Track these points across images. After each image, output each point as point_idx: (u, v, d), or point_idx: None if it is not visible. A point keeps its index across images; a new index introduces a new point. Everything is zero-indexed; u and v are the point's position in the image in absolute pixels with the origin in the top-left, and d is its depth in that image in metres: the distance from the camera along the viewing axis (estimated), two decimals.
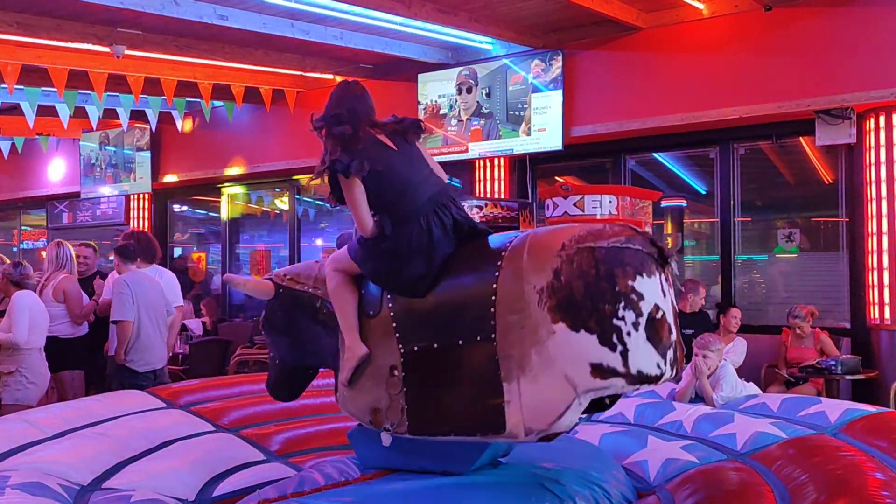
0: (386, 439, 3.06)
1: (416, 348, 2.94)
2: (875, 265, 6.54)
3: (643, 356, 2.58)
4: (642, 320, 2.57)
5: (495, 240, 2.96)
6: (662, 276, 2.67)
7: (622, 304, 2.56)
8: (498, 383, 2.73)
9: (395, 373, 2.97)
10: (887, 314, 6.44)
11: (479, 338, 2.78)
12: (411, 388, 2.94)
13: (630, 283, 2.58)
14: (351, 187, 2.93)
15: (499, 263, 2.79)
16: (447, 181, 3.21)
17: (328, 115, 3.09)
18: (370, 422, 3.07)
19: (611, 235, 2.66)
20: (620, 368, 2.56)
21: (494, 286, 2.76)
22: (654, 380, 2.62)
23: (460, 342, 2.82)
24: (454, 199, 3.09)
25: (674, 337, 2.67)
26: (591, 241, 2.65)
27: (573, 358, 2.60)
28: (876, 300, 6.53)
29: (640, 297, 2.58)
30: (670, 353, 2.64)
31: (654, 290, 2.61)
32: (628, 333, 2.55)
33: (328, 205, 3.33)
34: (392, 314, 3.00)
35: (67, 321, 5.91)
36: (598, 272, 2.59)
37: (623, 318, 2.55)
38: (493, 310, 2.74)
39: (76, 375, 6.02)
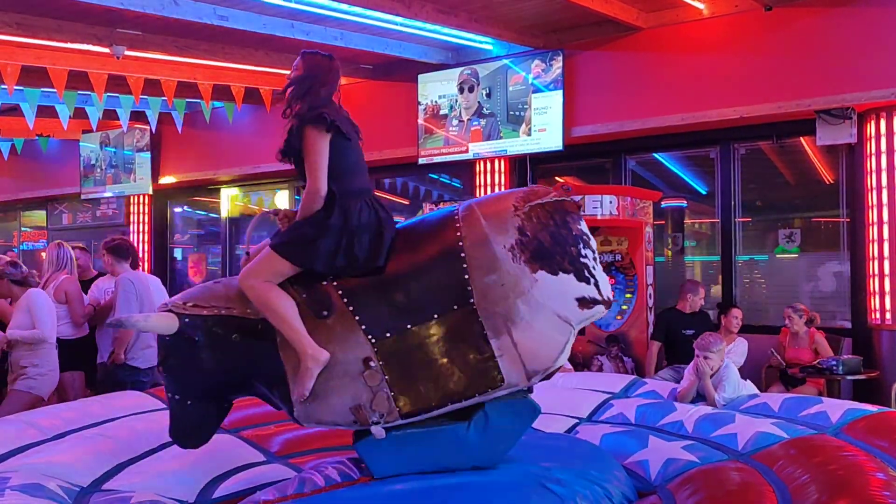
0: (379, 432, 2.98)
1: (388, 334, 2.94)
2: (876, 265, 6.53)
3: (605, 283, 3.05)
4: (596, 255, 3.05)
5: (436, 215, 3.16)
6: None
7: (581, 245, 3.00)
8: (485, 342, 2.92)
9: (372, 364, 2.93)
10: (888, 314, 6.44)
11: (455, 306, 2.93)
12: (393, 374, 2.93)
13: (579, 226, 3.04)
14: (319, 141, 2.97)
15: (458, 234, 2.97)
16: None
17: (311, 75, 3.12)
18: (354, 422, 2.97)
19: (545, 193, 3.07)
20: (598, 297, 2.99)
21: (462, 255, 2.94)
22: (611, 303, 3.09)
23: (436, 316, 2.93)
24: (379, 200, 3.18)
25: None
26: (536, 199, 3.03)
27: (560, 298, 2.94)
28: (877, 300, 6.52)
29: (588, 236, 3.06)
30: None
31: (589, 231, 3.09)
32: (593, 267, 3.00)
33: (278, 158, 3.17)
34: (351, 308, 2.95)
35: (68, 322, 5.91)
36: (555, 222, 2.99)
37: (586, 256, 2.99)
38: (466, 276, 2.92)
39: (77, 377, 6.02)
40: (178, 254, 12.29)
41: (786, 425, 3.90)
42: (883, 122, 6.49)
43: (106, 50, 7.35)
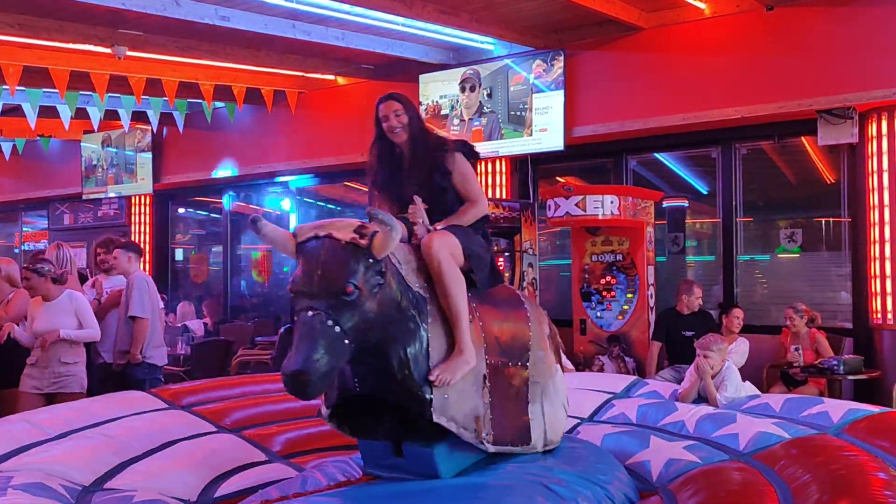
0: (489, 448, 3.00)
1: (490, 361, 3.10)
2: (877, 266, 6.53)
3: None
4: None
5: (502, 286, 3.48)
6: None
7: None
8: (526, 403, 3.22)
9: (487, 383, 3.02)
10: (889, 314, 6.44)
11: (520, 363, 3.23)
12: (493, 400, 3.05)
13: None
14: (473, 168, 3.27)
15: (525, 306, 3.37)
16: None
17: (417, 113, 3.35)
18: (474, 430, 2.91)
19: None
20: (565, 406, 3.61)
21: (529, 324, 3.31)
22: None
23: (510, 364, 3.19)
24: None
25: None
26: None
27: (565, 390, 3.54)
28: (878, 300, 6.52)
29: None
30: None
31: None
32: None
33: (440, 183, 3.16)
34: (481, 324, 3.09)
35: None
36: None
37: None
38: (529, 343, 3.27)
39: None
40: (179, 254, 12.30)
41: (787, 425, 3.90)
42: (884, 122, 6.49)
43: (108, 50, 7.37)
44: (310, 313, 2.54)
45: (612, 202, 6.76)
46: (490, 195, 8.32)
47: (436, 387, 2.79)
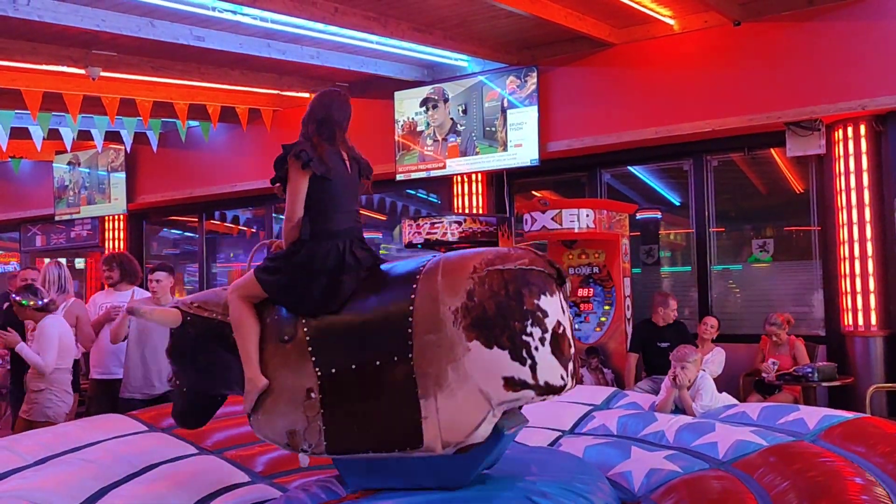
0: (304, 460, 3.13)
1: (333, 370, 3.00)
2: (847, 272, 6.67)
3: (549, 369, 2.79)
4: (547, 336, 2.78)
5: (409, 264, 3.10)
6: (561, 295, 2.92)
7: (530, 321, 2.76)
8: (416, 400, 2.88)
9: (312, 395, 3.02)
10: (861, 321, 6.56)
11: (395, 358, 2.90)
12: (329, 409, 3.00)
13: (535, 301, 2.79)
14: (298, 178, 3.10)
15: (413, 286, 2.93)
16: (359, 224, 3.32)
17: (312, 118, 3.27)
18: (287, 444, 3.09)
19: (516, 258, 2.88)
20: (530, 381, 2.77)
21: (411, 308, 2.90)
22: (559, 390, 2.84)
23: (378, 363, 2.94)
24: (363, 240, 3.25)
25: (572, 350, 2.91)
26: (500, 264, 2.85)
27: (487, 373, 2.78)
28: (849, 307, 6.65)
29: (545, 314, 2.80)
30: (571, 365, 2.88)
31: (555, 308, 2.84)
32: (536, 348, 2.75)
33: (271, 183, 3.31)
34: (308, 338, 3.05)
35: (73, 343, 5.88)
36: (507, 292, 2.79)
37: (531, 334, 2.76)
38: (410, 330, 2.88)
39: (74, 399, 5.99)
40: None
41: (765, 433, 3.96)
42: (850, 133, 6.64)
43: (81, 71, 7.33)
44: None
45: (587, 215, 6.83)
46: (467, 210, 8.38)
47: (248, 415, 3.17)
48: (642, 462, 3.80)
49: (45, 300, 5.22)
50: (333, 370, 2.99)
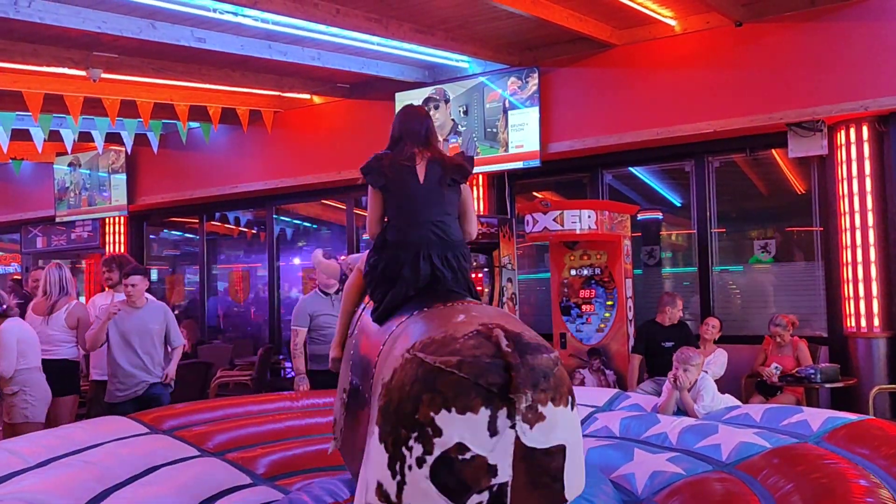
0: (331, 447, 3.40)
1: (353, 381, 3.15)
2: (850, 277, 6.64)
3: (419, 495, 2.23)
4: (430, 458, 2.21)
5: (408, 310, 2.83)
6: (501, 412, 2.22)
7: (415, 434, 2.23)
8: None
9: (344, 395, 3.26)
10: (863, 322, 6.55)
11: (367, 395, 2.75)
12: (349, 413, 3.18)
13: (431, 414, 2.22)
14: (370, 191, 3.24)
15: (385, 338, 2.68)
16: (469, 237, 3.18)
17: (390, 135, 3.34)
18: (335, 422, 3.39)
19: (450, 352, 2.27)
20: (393, 498, 2.27)
21: (378, 355, 2.66)
22: None
23: (360, 387, 3.01)
24: (457, 255, 3.01)
25: (491, 482, 2.23)
26: (428, 353, 2.31)
27: (373, 464, 2.34)
28: (852, 308, 6.63)
29: (438, 432, 2.21)
30: (474, 500, 2.24)
31: (462, 429, 2.21)
32: (409, 466, 2.23)
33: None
34: (353, 342, 3.26)
35: (75, 345, 5.90)
36: (411, 391, 2.27)
37: (411, 449, 2.23)
38: (371, 380, 2.69)
39: (74, 400, 6.00)
40: (154, 275, 12.19)
41: (768, 435, 3.95)
42: (853, 133, 6.63)
43: (82, 73, 7.32)
44: None
45: (589, 216, 6.82)
46: None
47: None
48: (645, 464, 3.79)
49: (4, 306, 5.28)
50: (353, 381, 3.15)
